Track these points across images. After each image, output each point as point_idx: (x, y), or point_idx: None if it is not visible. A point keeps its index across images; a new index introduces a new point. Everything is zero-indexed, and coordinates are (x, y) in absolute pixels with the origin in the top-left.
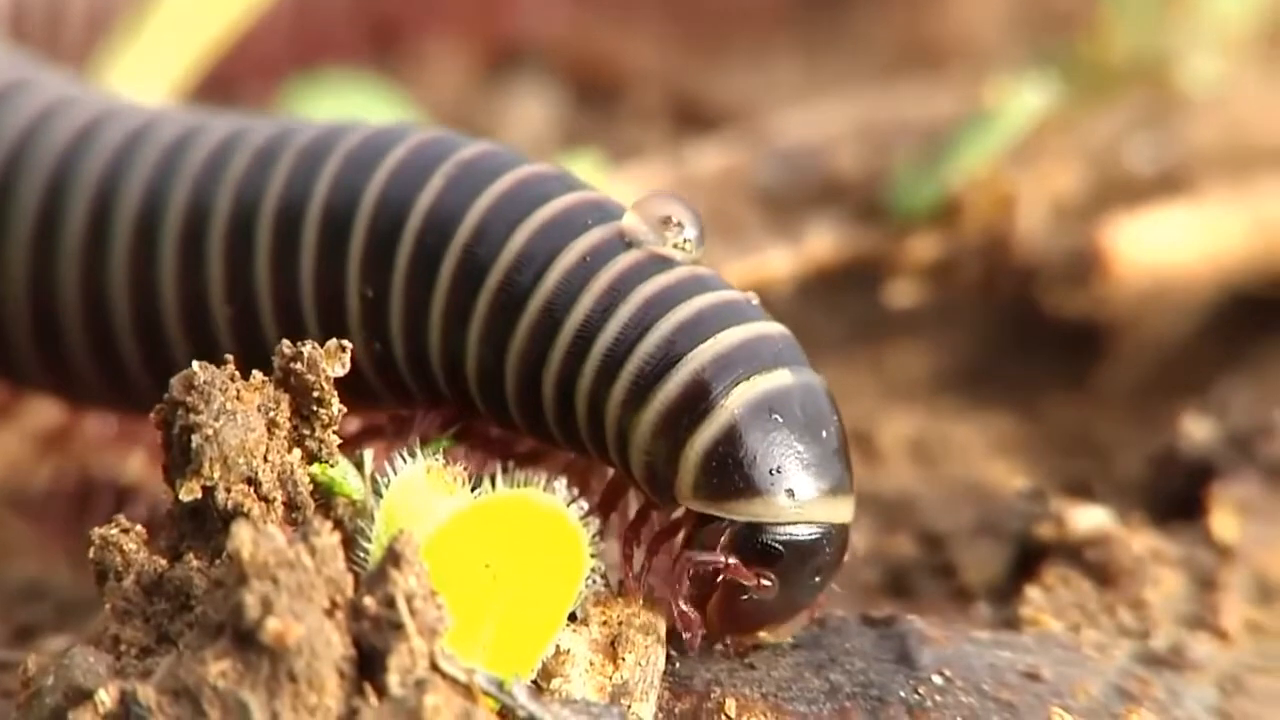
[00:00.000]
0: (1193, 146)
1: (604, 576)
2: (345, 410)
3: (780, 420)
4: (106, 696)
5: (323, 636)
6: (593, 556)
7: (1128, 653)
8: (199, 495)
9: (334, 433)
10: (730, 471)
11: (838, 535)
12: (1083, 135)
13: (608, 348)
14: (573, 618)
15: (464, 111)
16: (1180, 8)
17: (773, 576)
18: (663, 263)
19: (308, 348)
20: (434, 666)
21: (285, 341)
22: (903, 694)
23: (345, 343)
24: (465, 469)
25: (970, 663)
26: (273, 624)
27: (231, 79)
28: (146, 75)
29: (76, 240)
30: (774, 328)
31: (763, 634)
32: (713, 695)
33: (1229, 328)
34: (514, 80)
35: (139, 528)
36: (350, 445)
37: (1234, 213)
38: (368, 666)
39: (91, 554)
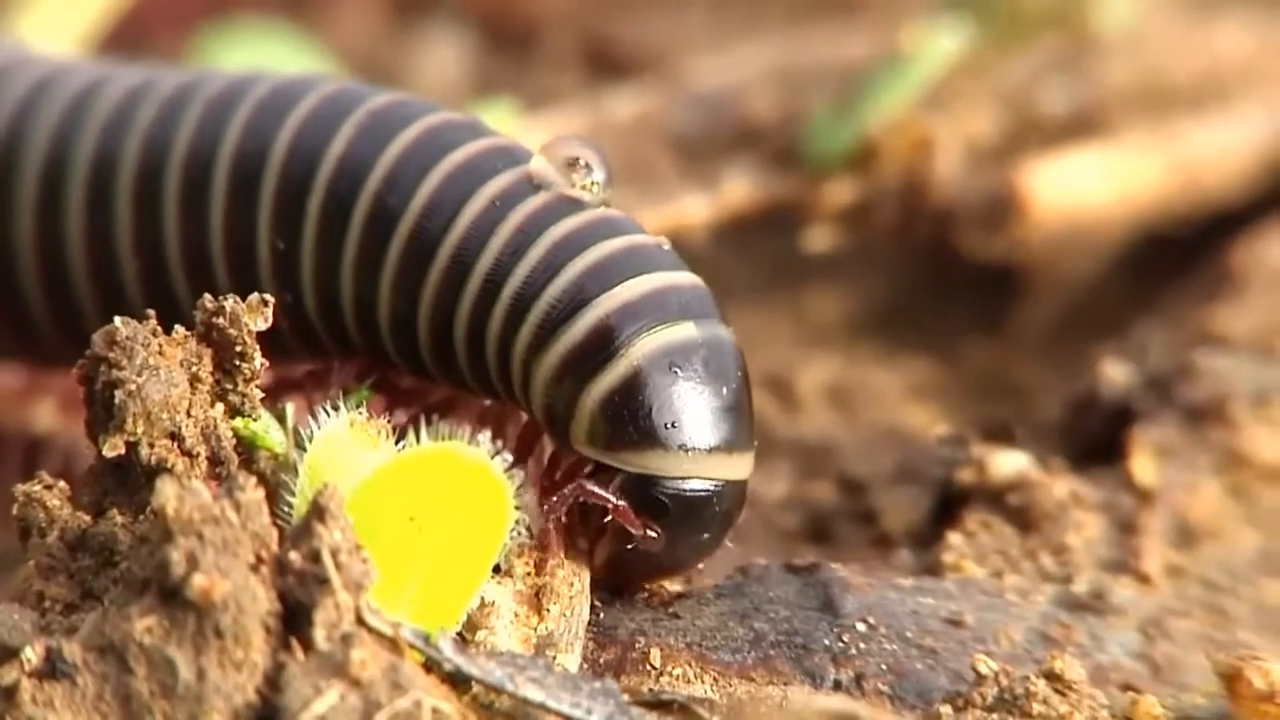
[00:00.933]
0: (1107, 88)
1: (528, 529)
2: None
3: (680, 373)
4: (32, 653)
5: (248, 592)
6: (516, 509)
7: (1050, 598)
8: (122, 451)
9: (256, 387)
10: (626, 422)
11: (732, 492)
12: (997, 78)
13: (516, 290)
14: (497, 570)
15: (376, 59)
16: None
17: (659, 529)
18: (572, 205)
19: (229, 302)
20: (360, 621)
21: (207, 296)
22: (827, 642)
23: (267, 297)
24: (388, 422)
25: (893, 610)
26: (198, 580)
27: (141, 30)
28: (56, 27)
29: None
30: (684, 277)
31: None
32: (637, 645)
33: (1144, 269)
34: (426, 27)
35: (62, 484)
36: (267, 399)
37: (1148, 154)
38: (294, 621)
39: (15, 510)
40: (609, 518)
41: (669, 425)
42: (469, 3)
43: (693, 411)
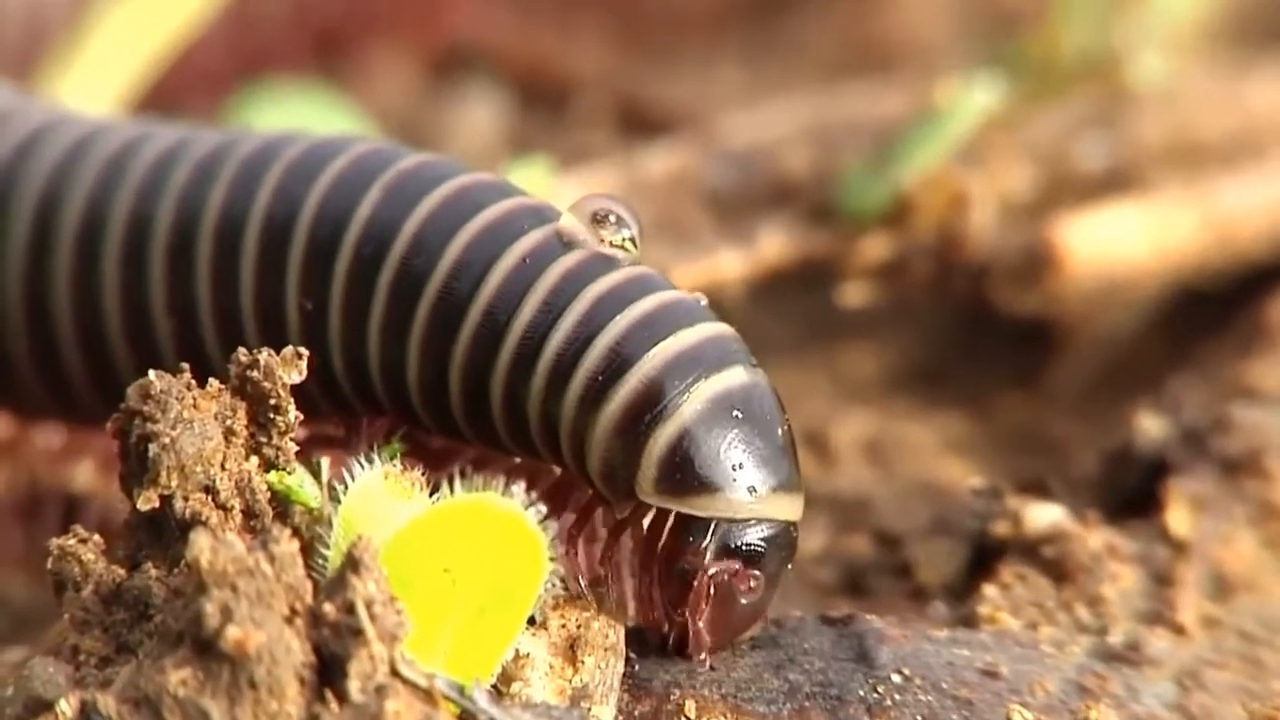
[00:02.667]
0: (1141, 143)
1: (562, 580)
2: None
3: (739, 417)
4: (67, 707)
5: (283, 644)
6: (551, 560)
7: (1085, 649)
8: (157, 504)
9: (291, 440)
10: (692, 467)
11: (794, 534)
12: (1031, 134)
13: (558, 349)
14: (531, 621)
15: (411, 119)
16: (1129, 5)
17: (758, 575)
18: (606, 262)
19: (264, 355)
20: (394, 672)
21: (241, 350)
22: (861, 693)
23: (302, 350)
24: (422, 474)
25: (928, 661)
26: (233, 632)
27: (175, 92)
28: (92, 88)
29: (19, 252)
30: (722, 327)
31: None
32: (672, 697)
33: (1179, 324)
34: (460, 87)
35: (96, 538)
36: (301, 453)
37: (1183, 209)
38: (328, 673)
39: (50, 564)
40: (706, 581)
41: (735, 468)
42: (503, 62)
43: (755, 453)
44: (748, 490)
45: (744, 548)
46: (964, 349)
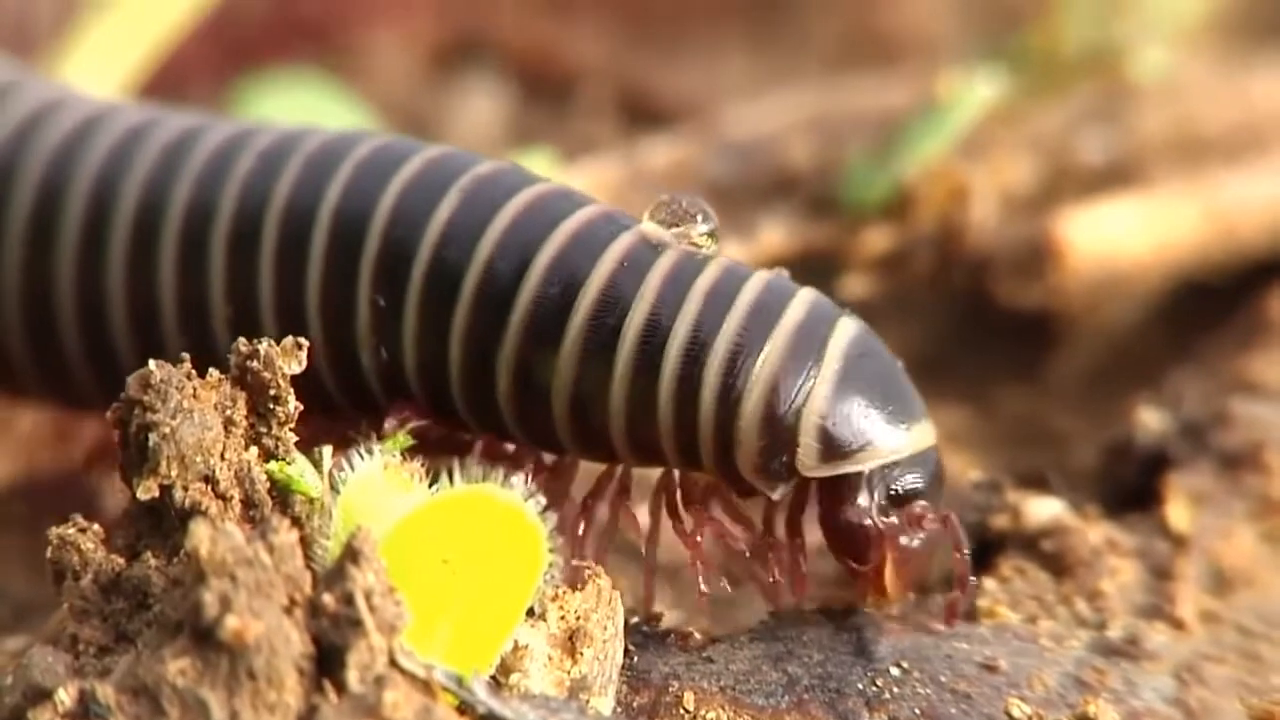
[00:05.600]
0: (1143, 137)
1: (561, 571)
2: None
3: (869, 364)
4: (66, 696)
5: (281, 634)
6: (550, 551)
7: (1084, 643)
8: (156, 494)
9: (290, 430)
10: (849, 428)
11: (938, 455)
12: (1033, 127)
13: (685, 348)
14: (530, 612)
15: (413, 109)
16: None
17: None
18: (698, 261)
19: (264, 345)
20: (393, 663)
21: (241, 340)
22: (860, 686)
23: (302, 340)
24: (422, 465)
25: (927, 654)
26: (232, 622)
27: (177, 78)
28: (94, 75)
29: (125, 245)
30: (810, 291)
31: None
32: (671, 689)
33: (1179, 317)
34: (463, 76)
35: (96, 527)
36: (302, 443)
37: (1185, 203)
38: (327, 663)
39: (49, 554)
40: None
41: (885, 413)
42: (506, 53)
43: (895, 392)
44: (902, 430)
45: (905, 489)
46: (964, 342)
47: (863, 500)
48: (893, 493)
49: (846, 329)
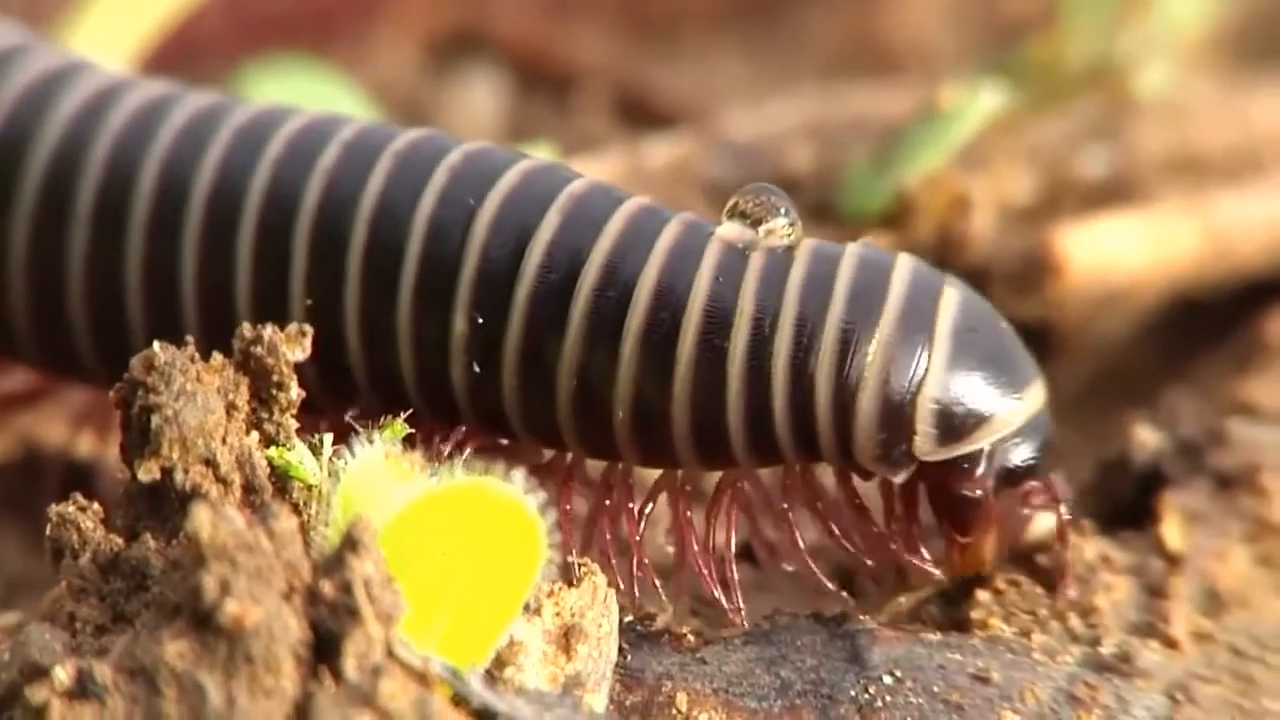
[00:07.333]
0: (1143, 154)
1: (559, 566)
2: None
3: (977, 333)
4: (63, 674)
5: (280, 620)
6: (549, 547)
7: (1077, 659)
8: (157, 476)
9: (291, 416)
10: (966, 407)
11: (1048, 418)
12: (1033, 139)
13: (792, 362)
14: (525, 608)
15: (411, 97)
16: (1134, 16)
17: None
18: (786, 257)
19: (268, 331)
20: (390, 653)
21: (245, 325)
22: (853, 693)
23: (306, 328)
24: (422, 455)
25: (920, 664)
26: (231, 606)
27: (175, 61)
28: (102, 51)
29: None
30: (905, 257)
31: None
32: (664, 689)
33: (1175, 334)
34: (461, 67)
35: (95, 506)
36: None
37: (1184, 221)
38: (324, 651)
39: (48, 531)
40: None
41: (998, 385)
42: (505, 45)
43: (1005, 359)
44: (1016, 401)
45: (1020, 461)
46: None
47: (979, 474)
48: (1008, 465)
49: (951, 300)
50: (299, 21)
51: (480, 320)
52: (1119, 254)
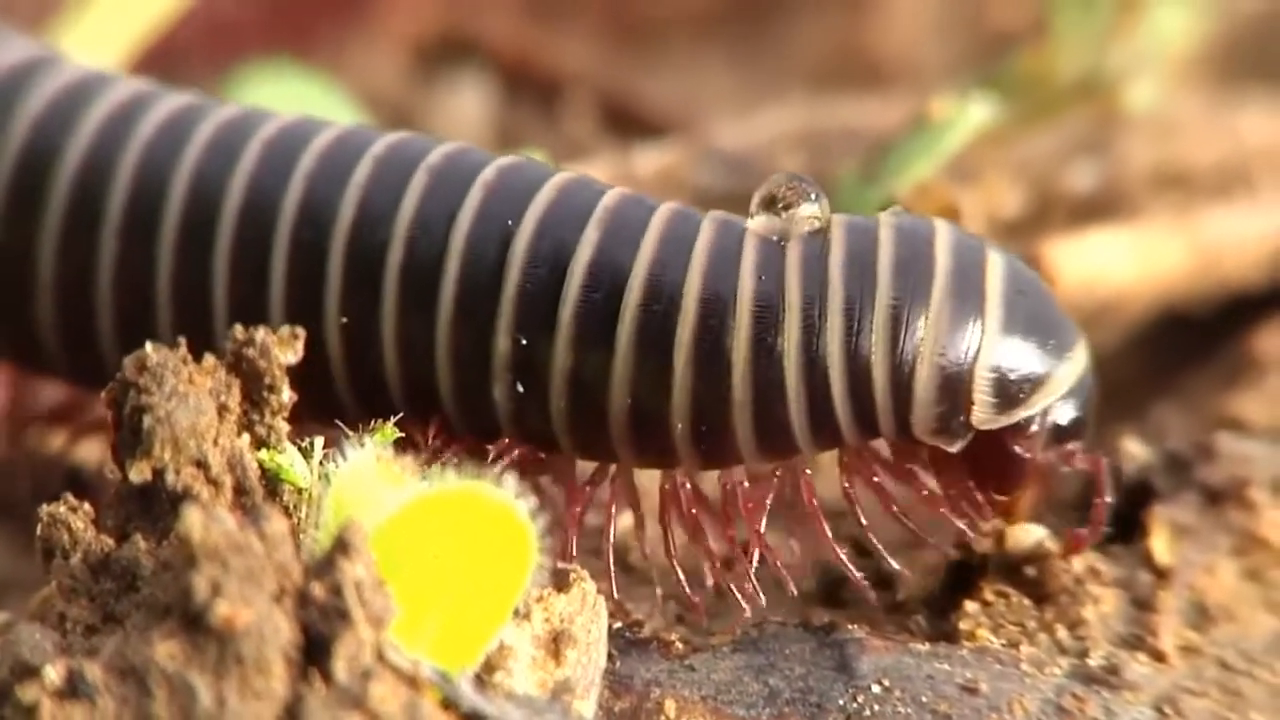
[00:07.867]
0: (1132, 168)
1: (550, 571)
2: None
3: (1025, 297)
4: (54, 673)
5: (271, 622)
6: (539, 551)
7: (1065, 670)
8: (149, 476)
9: (283, 419)
10: (1021, 374)
11: (1090, 375)
12: (1023, 152)
13: (844, 351)
14: (515, 612)
15: (398, 103)
16: (1124, 29)
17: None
18: (822, 244)
19: (260, 333)
20: (380, 656)
21: (238, 326)
22: (841, 702)
23: (298, 330)
24: (414, 459)
25: (908, 674)
26: (222, 607)
27: (160, 63)
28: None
29: (228, 241)
30: (942, 223)
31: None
32: (652, 695)
33: (1162, 348)
34: (448, 73)
35: (87, 506)
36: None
37: (1172, 235)
38: (314, 654)
39: (39, 531)
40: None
41: (1048, 347)
42: (493, 52)
43: (1052, 320)
44: (1065, 363)
45: (1068, 421)
46: None
47: (1031, 435)
48: (1058, 424)
49: (997, 266)
50: (283, 28)
51: (524, 341)
52: (1108, 267)
